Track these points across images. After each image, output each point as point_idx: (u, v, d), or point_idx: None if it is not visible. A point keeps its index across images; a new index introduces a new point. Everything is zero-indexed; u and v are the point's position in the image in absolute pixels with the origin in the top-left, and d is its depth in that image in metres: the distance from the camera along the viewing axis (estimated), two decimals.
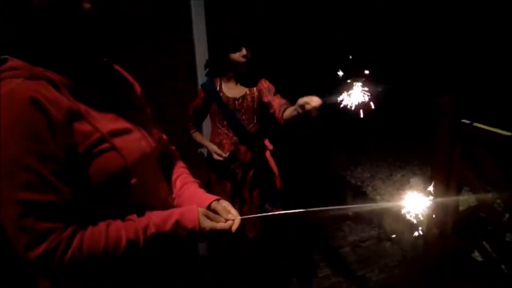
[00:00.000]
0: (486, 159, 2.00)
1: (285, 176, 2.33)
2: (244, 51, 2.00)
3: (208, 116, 2.25)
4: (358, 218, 3.30)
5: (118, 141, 0.88)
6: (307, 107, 1.69)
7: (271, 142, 2.31)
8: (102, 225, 0.85)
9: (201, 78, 2.73)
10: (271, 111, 2.10)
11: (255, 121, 2.17)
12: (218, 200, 1.06)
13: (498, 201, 2.60)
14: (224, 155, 2.11)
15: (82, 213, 0.83)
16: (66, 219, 0.79)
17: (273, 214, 1.18)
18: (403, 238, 2.85)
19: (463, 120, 2.10)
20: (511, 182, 1.96)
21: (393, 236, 2.93)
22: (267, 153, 2.27)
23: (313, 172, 3.90)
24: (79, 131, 0.82)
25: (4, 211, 0.76)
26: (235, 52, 2.00)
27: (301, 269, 2.70)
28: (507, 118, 2.77)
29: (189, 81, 2.77)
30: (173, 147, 1.24)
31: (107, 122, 0.87)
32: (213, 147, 2.13)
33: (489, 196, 2.22)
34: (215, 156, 2.11)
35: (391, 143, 4.41)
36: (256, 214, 2.18)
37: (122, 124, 0.92)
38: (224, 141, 2.14)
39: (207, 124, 2.39)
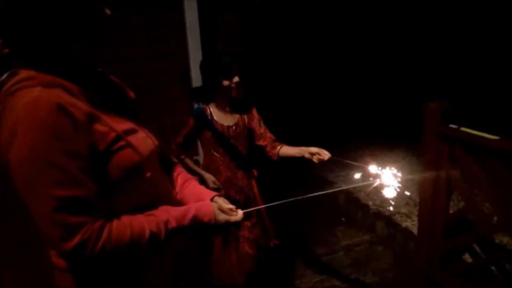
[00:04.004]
0: (472, 163, 2.05)
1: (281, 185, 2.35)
2: (236, 79, 2.03)
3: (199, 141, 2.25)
4: (350, 223, 3.33)
5: (131, 139, 0.95)
6: (318, 157, 1.97)
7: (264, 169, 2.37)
8: (126, 219, 0.92)
9: (196, 85, 2.77)
10: (263, 143, 2.20)
11: (246, 146, 2.22)
12: (218, 195, 1.18)
13: (487, 204, 2.65)
14: (220, 185, 2.15)
15: (106, 207, 0.90)
16: (94, 212, 0.86)
17: (274, 204, 1.27)
18: (395, 242, 2.89)
19: (450, 125, 2.15)
20: (498, 185, 2.00)
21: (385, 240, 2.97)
22: (253, 181, 2.30)
23: (304, 180, 3.94)
24: (98, 131, 0.88)
25: (37, 207, 0.82)
26: (227, 79, 2.02)
27: (295, 274, 2.73)
28: (496, 123, 2.83)
29: (183, 88, 2.83)
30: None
31: (117, 124, 0.94)
32: (209, 176, 2.14)
33: (477, 199, 2.26)
34: (211, 185, 2.14)
35: (383, 149, 4.45)
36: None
37: (128, 125, 0.98)
38: (221, 167, 2.17)
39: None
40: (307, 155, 2.01)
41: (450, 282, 2.26)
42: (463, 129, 2.10)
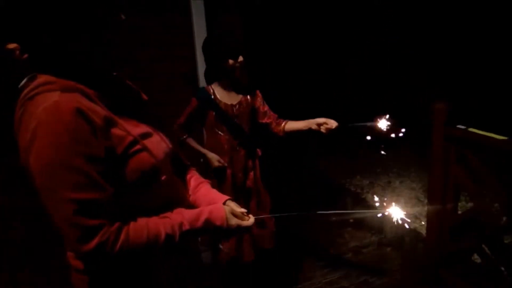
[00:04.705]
0: (480, 164, 2.06)
1: (283, 184, 2.37)
2: (241, 58, 2.05)
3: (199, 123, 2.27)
4: (358, 224, 3.34)
5: (147, 143, 0.96)
6: (326, 126, 1.96)
7: (267, 148, 2.39)
8: (142, 221, 0.93)
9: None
10: (267, 121, 2.22)
11: (249, 125, 2.24)
12: (230, 199, 1.18)
13: (496, 204, 2.66)
14: (224, 163, 2.16)
15: (123, 209, 0.91)
16: (111, 215, 0.87)
17: (283, 215, 1.27)
18: (403, 243, 2.90)
19: (458, 126, 2.16)
20: (507, 185, 2.01)
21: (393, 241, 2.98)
22: (257, 160, 2.32)
23: (311, 180, 3.95)
24: (115, 135, 0.89)
25: (57, 210, 0.82)
26: (232, 58, 2.04)
27: (304, 275, 2.73)
28: (503, 122, 2.84)
29: (190, 91, 2.82)
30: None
31: (133, 127, 0.95)
32: (213, 155, 2.17)
33: (486, 199, 2.27)
34: (216, 164, 2.16)
35: (388, 150, 4.47)
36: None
37: (144, 128, 0.99)
38: (225, 146, 2.19)
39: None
40: (314, 127, 2.02)
41: (459, 283, 2.27)
42: (470, 129, 2.11)
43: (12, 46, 0.84)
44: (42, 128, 0.79)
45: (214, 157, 2.16)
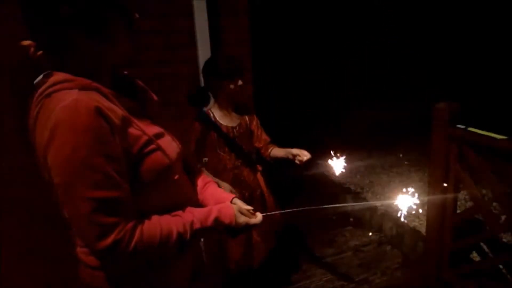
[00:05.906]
0: (480, 163, 2.08)
1: (283, 184, 2.39)
2: (240, 82, 2.08)
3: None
4: (358, 223, 3.36)
5: (160, 143, 0.97)
6: (299, 158, 2.04)
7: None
8: (155, 219, 0.95)
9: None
10: (258, 145, 2.30)
11: (249, 144, 2.28)
12: (237, 197, 1.20)
13: (494, 203, 2.68)
14: (236, 193, 2.15)
15: (137, 208, 0.92)
16: (127, 213, 0.88)
17: (290, 211, 1.28)
18: (403, 242, 2.92)
19: (458, 125, 2.18)
20: (506, 184, 2.03)
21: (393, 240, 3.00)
22: (259, 174, 2.35)
23: (312, 180, 3.96)
24: (132, 135, 0.90)
25: (75, 207, 0.83)
26: (231, 83, 2.06)
27: (305, 274, 2.75)
28: (503, 122, 2.87)
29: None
30: None
31: (147, 127, 0.96)
32: (226, 185, 2.15)
33: (485, 199, 2.29)
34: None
35: (388, 150, 4.50)
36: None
37: (156, 129, 1.00)
38: (228, 165, 2.21)
39: None
40: (290, 156, 2.09)
41: (460, 281, 2.29)
42: (470, 129, 2.13)
43: (26, 43, 0.85)
44: (61, 126, 0.79)
45: (227, 187, 2.15)
